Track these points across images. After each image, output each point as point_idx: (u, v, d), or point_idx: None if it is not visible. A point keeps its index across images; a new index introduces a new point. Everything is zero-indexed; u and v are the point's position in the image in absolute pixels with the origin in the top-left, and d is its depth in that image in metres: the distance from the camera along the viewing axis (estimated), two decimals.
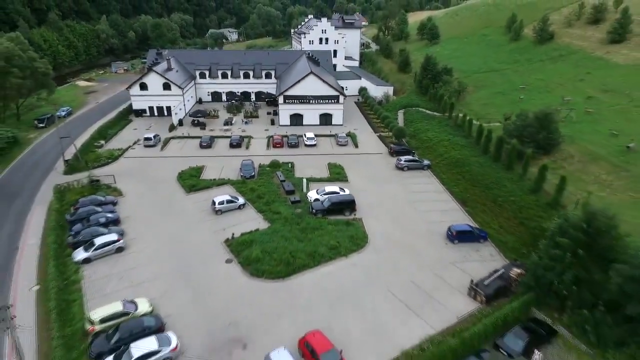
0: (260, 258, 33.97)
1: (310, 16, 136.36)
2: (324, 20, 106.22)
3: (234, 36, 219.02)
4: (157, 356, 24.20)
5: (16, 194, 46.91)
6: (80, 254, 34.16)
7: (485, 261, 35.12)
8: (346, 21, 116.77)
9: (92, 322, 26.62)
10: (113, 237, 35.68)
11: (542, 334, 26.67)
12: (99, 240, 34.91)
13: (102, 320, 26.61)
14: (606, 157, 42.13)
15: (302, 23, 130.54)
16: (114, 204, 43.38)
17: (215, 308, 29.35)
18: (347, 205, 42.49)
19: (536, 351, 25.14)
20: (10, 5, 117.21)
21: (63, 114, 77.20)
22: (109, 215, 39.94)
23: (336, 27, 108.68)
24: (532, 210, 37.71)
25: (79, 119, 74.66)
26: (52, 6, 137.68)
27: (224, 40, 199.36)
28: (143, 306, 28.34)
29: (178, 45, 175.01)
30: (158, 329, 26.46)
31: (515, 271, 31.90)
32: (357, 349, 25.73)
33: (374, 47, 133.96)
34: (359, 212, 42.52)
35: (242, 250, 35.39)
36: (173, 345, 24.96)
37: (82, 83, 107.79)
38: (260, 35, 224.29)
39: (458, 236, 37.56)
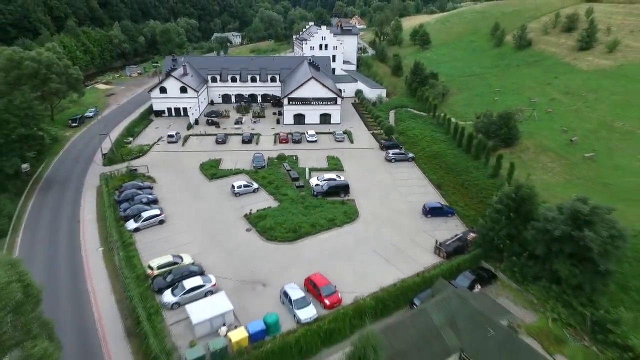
0: (273, 227, 43.34)
1: (310, 23, 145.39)
2: (324, 27, 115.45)
3: (237, 40, 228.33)
4: (202, 289, 33.49)
5: (67, 181, 56.35)
6: (132, 224, 43.49)
7: (450, 230, 44.36)
8: (344, 28, 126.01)
9: (151, 268, 35.97)
10: (156, 211, 45.10)
11: (485, 277, 35.93)
12: (145, 214, 44.27)
13: (159, 267, 35.96)
14: (554, 149, 51.45)
15: (304, 29, 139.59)
16: (151, 188, 52.73)
17: (240, 261, 38.64)
18: (342, 188, 51.81)
19: (477, 286, 34.45)
20: (33, 14, 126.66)
21: (91, 114, 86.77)
22: (149, 196, 49.31)
23: (335, 34, 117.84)
24: (490, 190, 46.84)
25: (106, 119, 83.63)
26: (69, 14, 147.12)
27: (228, 44, 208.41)
28: (187, 259, 37.69)
29: (185, 49, 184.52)
30: (200, 273, 35.78)
31: (472, 235, 41.17)
32: (347, 286, 34.95)
33: (370, 51, 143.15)
34: (352, 194, 51.83)
35: (259, 222, 44.72)
36: (213, 282, 34.32)
37: (101, 86, 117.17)
38: (263, 39, 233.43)
39: (431, 211, 46.85)
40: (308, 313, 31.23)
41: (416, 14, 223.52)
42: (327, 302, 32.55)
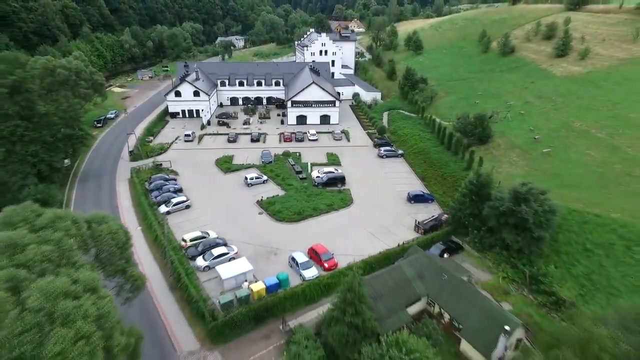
0: (281, 211, 52.06)
1: (311, 30, 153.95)
2: (324, 35, 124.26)
3: (240, 43, 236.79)
4: (227, 256, 42.21)
5: (101, 175, 65.13)
6: (163, 208, 52.19)
7: (429, 213, 53.01)
8: (343, 35, 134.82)
9: (185, 241, 44.70)
10: (183, 198, 53.91)
11: (453, 247, 44.61)
12: (174, 200, 53.04)
13: (191, 240, 44.69)
14: (520, 146, 60.12)
15: (305, 36, 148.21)
16: (175, 180, 61.40)
17: (255, 237, 47.26)
18: (339, 180, 60.52)
19: (445, 254, 43.13)
20: (52, 22, 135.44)
21: (112, 116, 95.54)
22: (175, 186, 58.03)
23: (334, 40, 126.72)
24: (463, 181, 55.41)
25: (127, 120, 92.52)
26: (84, 21, 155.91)
27: (232, 47, 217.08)
28: (212, 234, 46.45)
29: (192, 53, 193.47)
30: (224, 244, 44.47)
31: (445, 216, 49.87)
32: (342, 254, 43.58)
33: (367, 56, 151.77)
34: (347, 185, 60.55)
35: (269, 207, 53.43)
36: (235, 250, 43.11)
37: (116, 89, 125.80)
38: (265, 42, 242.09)
39: (414, 198, 55.56)
40: (311, 273, 39.94)
41: (413, 17, 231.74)
42: (326, 265, 41.27)
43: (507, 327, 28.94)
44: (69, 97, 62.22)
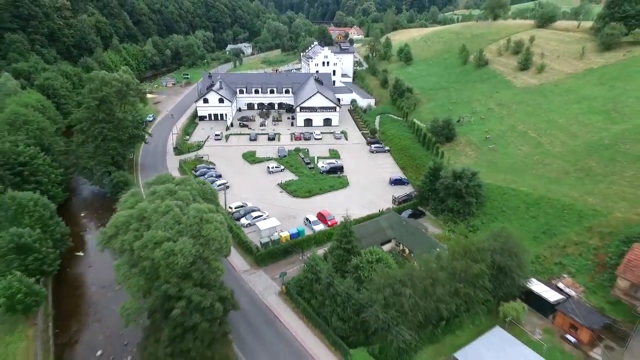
0: (296, 190, 71.60)
1: (315, 42, 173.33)
2: (326, 48, 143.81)
3: (248, 50, 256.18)
4: (262, 217, 61.63)
5: (155, 165, 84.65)
6: None
7: (405, 191, 72.32)
8: (342, 47, 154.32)
9: (231, 208, 64.19)
10: (224, 181, 73.50)
11: (418, 213, 64.04)
12: (218, 182, 72.54)
13: (235, 207, 64.20)
14: (475, 143, 79.42)
15: (309, 47, 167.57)
16: (214, 168, 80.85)
17: (279, 206, 66.67)
18: (339, 169, 79.96)
19: (412, 218, 62.52)
20: (88, 36, 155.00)
21: (150, 119, 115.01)
22: (215, 172, 77.53)
23: (335, 53, 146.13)
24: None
25: (164, 122, 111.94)
26: (112, 33, 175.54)
27: (241, 54, 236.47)
28: (249, 204, 65.94)
29: (206, 60, 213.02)
30: (259, 210, 63.91)
31: (415, 194, 69.31)
32: (340, 216, 62.84)
33: (364, 65, 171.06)
34: (345, 172, 79.91)
35: (287, 187, 72.95)
36: (267, 214, 62.61)
37: (147, 95, 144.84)
38: (271, 48, 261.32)
39: (394, 181, 75.01)
40: (319, 227, 59.44)
41: (409, 25, 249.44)
42: (329, 223, 60.80)
43: (437, 249, 48.30)
44: (137, 106, 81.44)
